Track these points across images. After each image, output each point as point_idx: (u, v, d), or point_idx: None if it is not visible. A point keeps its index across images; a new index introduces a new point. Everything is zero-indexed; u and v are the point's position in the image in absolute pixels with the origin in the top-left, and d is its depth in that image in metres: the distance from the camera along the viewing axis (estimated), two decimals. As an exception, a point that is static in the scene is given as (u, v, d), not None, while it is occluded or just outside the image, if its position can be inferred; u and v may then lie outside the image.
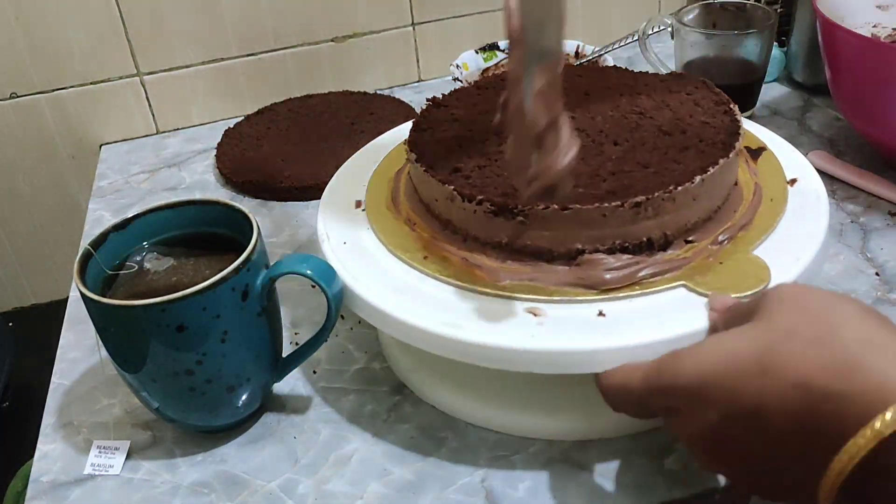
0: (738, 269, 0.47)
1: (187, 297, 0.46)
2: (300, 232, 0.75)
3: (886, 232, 0.66)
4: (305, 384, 0.58)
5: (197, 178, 0.85)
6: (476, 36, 0.97)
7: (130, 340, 0.48)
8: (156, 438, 0.55)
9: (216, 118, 0.96)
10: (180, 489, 0.51)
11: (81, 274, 0.49)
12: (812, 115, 0.84)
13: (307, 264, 0.50)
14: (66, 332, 0.65)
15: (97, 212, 0.81)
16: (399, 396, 0.56)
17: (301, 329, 0.63)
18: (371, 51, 0.96)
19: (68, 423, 0.57)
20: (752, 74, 0.80)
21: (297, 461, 0.52)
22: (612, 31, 1.01)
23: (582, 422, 0.51)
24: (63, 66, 0.87)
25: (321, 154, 0.82)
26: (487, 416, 0.53)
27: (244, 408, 0.53)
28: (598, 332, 0.45)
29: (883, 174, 0.71)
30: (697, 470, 0.48)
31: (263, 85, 0.95)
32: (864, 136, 0.74)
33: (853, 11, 0.76)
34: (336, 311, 0.50)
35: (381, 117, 0.89)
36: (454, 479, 0.50)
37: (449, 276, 0.49)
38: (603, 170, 0.49)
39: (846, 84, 0.71)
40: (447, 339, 0.46)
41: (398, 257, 0.51)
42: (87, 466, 0.53)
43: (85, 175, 0.92)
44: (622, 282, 0.47)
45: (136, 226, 0.53)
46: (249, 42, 0.92)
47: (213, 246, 0.53)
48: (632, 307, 0.46)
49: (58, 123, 0.90)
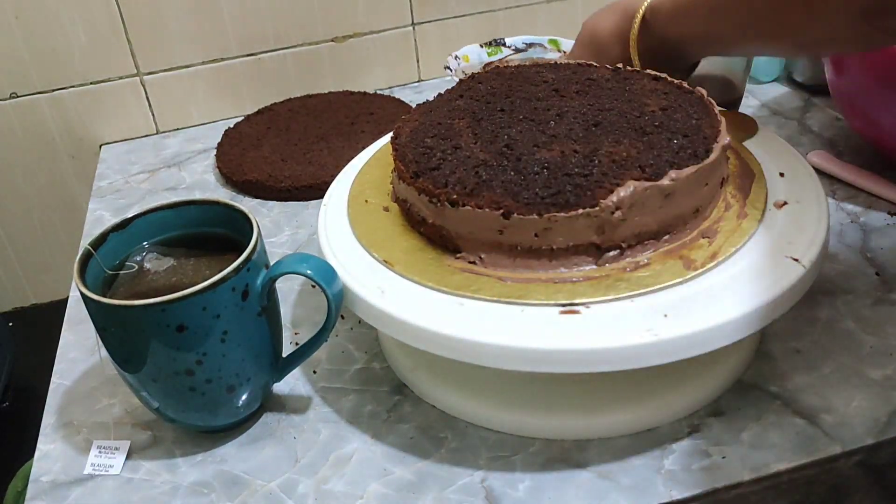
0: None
1: (187, 297, 0.46)
2: (300, 232, 0.75)
3: (886, 232, 0.66)
4: (305, 384, 0.58)
5: (197, 178, 0.85)
6: (476, 36, 0.97)
7: (130, 340, 0.48)
8: (156, 438, 0.55)
9: (216, 118, 0.96)
10: (180, 489, 0.51)
11: (81, 274, 0.49)
12: (812, 115, 0.84)
13: (307, 264, 0.50)
14: (66, 332, 0.65)
15: (97, 212, 0.81)
16: (399, 396, 0.56)
17: (301, 329, 0.63)
18: (371, 51, 0.96)
19: (68, 423, 0.57)
20: (733, 93, 0.79)
21: (296, 461, 0.52)
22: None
23: (581, 421, 0.51)
24: (63, 66, 0.87)
25: (321, 154, 0.82)
26: (487, 416, 0.53)
27: (244, 408, 0.53)
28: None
29: (883, 174, 0.71)
30: (697, 470, 0.48)
31: (263, 85, 0.95)
32: (864, 136, 0.74)
33: (853, 11, 0.76)
34: (336, 311, 0.50)
35: (381, 117, 0.89)
36: (454, 479, 0.50)
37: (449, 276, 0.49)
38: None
39: (846, 84, 0.71)
40: (447, 339, 0.46)
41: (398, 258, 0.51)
42: (87, 466, 0.53)
43: (85, 175, 0.92)
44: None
45: (136, 226, 0.53)
46: (249, 42, 0.92)
47: (213, 246, 0.53)
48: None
49: (58, 123, 0.90)
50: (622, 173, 0.48)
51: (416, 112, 0.59)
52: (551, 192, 0.48)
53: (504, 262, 0.49)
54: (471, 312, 0.47)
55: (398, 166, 0.54)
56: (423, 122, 0.57)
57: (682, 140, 0.51)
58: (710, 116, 0.54)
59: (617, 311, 0.46)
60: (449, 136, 0.54)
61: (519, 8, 0.98)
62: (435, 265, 0.50)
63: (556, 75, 0.61)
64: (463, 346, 0.46)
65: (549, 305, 0.46)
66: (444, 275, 0.49)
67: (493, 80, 0.62)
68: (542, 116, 0.55)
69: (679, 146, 0.50)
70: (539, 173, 0.49)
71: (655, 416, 0.52)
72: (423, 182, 0.51)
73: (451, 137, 0.54)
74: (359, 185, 0.60)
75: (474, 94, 0.60)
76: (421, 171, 0.52)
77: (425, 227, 0.52)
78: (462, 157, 0.52)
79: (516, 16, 0.98)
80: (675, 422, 0.52)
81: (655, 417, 0.52)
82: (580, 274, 0.48)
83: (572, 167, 0.49)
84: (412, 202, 0.52)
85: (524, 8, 0.98)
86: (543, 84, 0.60)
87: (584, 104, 0.56)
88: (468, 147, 0.53)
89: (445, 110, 0.58)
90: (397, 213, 0.55)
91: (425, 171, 0.51)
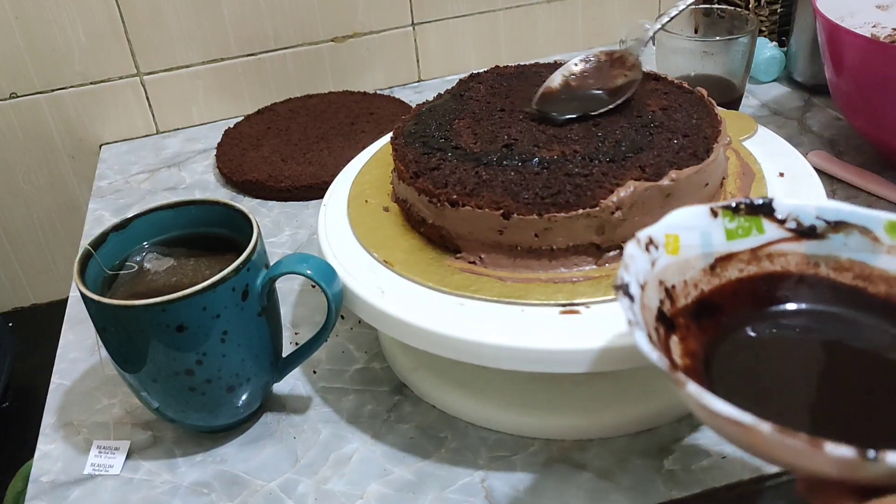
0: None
1: (187, 297, 0.46)
2: (300, 232, 0.75)
3: (886, 232, 0.66)
4: (305, 384, 0.58)
5: (197, 178, 0.85)
6: (476, 36, 0.97)
7: (130, 340, 0.48)
8: (156, 438, 0.55)
9: (216, 118, 0.96)
10: (180, 489, 0.51)
11: (81, 274, 0.49)
12: (812, 115, 0.84)
13: (307, 264, 0.50)
14: (66, 332, 0.65)
15: (97, 212, 0.81)
16: (399, 396, 0.56)
17: (301, 329, 0.62)
18: (371, 51, 0.96)
19: (68, 423, 0.57)
20: (733, 93, 0.79)
21: (296, 461, 0.52)
22: (612, 31, 1.01)
23: (581, 421, 0.51)
24: (63, 66, 0.87)
25: (321, 154, 0.82)
26: (487, 416, 0.53)
27: (244, 408, 0.53)
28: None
29: (883, 174, 0.71)
30: (697, 470, 0.48)
31: (263, 85, 0.95)
32: (864, 136, 0.74)
33: (853, 11, 0.76)
34: (336, 311, 0.50)
35: (381, 117, 0.89)
36: (454, 479, 0.50)
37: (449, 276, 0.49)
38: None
39: (846, 84, 0.71)
40: (448, 340, 0.46)
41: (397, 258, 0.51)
42: (87, 466, 0.53)
43: (85, 175, 0.92)
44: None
45: (136, 226, 0.53)
46: (249, 42, 0.92)
47: (213, 246, 0.53)
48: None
49: (58, 123, 0.90)
50: (622, 173, 0.48)
51: (416, 112, 0.59)
52: (551, 192, 0.48)
53: (504, 262, 0.49)
54: (471, 312, 0.47)
55: (398, 166, 0.54)
56: (422, 122, 0.57)
57: (683, 140, 0.51)
58: (711, 116, 0.54)
59: (617, 311, 0.46)
60: (449, 136, 0.54)
61: (519, 8, 0.98)
62: (435, 265, 0.50)
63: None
64: (463, 346, 0.46)
65: (549, 305, 0.46)
66: (444, 275, 0.49)
67: (493, 80, 0.62)
68: (540, 116, 0.55)
69: (679, 146, 0.50)
70: (539, 173, 0.49)
71: (655, 416, 0.52)
72: (423, 182, 0.51)
73: (450, 138, 0.54)
74: (359, 185, 0.60)
75: (474, 94, 0.60)
76: (421, 171, 0.52)
77: (425, 228, 0.52)
78: (462, 157, 0.52)
79: (516, 16, 0.98)
80: (675, 422, 0.52)
81: (655, 417, 0.52)
82: (580, 274, 0.48)
83: (572, 167, 0.49)
84: (412, 202, 0.52)
85: (524, 8, 0.98)
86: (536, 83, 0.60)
87: None
88: (468, 147, 0.53)
89: (445, 110, 0.58)
90: (397, 213, 0.55)
91: (425, 172, 0.51)
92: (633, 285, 0.34)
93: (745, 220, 0.38)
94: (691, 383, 0.29)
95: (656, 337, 0.33)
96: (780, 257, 0.38)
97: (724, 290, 0.38)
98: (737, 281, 0.39)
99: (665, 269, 0.36)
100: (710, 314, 0.38)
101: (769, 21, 0.91)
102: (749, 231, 0.39)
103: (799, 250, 0.38)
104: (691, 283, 0.38)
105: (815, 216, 0.38)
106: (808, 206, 0.39)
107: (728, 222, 0.38)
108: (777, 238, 0.39)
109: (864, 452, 0.26)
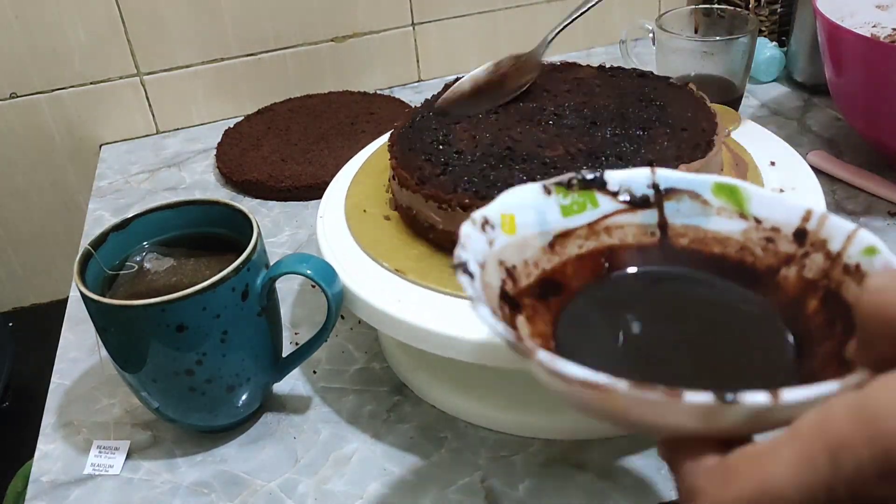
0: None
1: (187, 297, 0.46)
2: (300, 232, 0.75)
3: (886, 232, 0.66)
4: (305, 384, 0.58)
5: (197, 178, 0.85)
6: (476, 36, 0.97)
7: (130, 340, 0.48)
8: (156, 438, 0.55)
9: (216, 118, 0.96)
10: (180, 489, 0.51)
11: (81, 274, 0.49)
12: (812, 115, 0.84)
13: (307, 264, 0.50)
14: (66, 332, 0.65)
15: (97, 212, 0.81)
16: (399, 396, 0.56)
17: (301, 329, 0.62)
18: (371, 51, 0.96)
19: (68, 423, 0.57)
20: (732, 93, 0.79)
21: (297, 461, 0.52)
22: (612, 31, 1.01)
23: (582, 421, 0.51)
24: (63, 66, 0.87)
25: (321, 154, 0.82)
26: (487, 416, 0.53)
27: (244, 408, 0.53)
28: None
29: (883, 174, 0.71)
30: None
31: (263, 85, 0.95)
32: (864, 136, 0.74)
33: (853, 11, 0.76)
34: (336, 311, 0.50)
35: (381, 117, 0.89)
36: (454, 479, 0.50)
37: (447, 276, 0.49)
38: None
39: (846, 84, 0.71)
40: (448, 339, 0.46)
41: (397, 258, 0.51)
42: (87, 466, 0.53)
43: (85, 175, 0.92)
44: None
45: (136, 226, 0.53)
46: (249, 42, 0.92)
47: (213, 246, 0.53)
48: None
49: (58, 123, 0.90)
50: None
51: (410, 118, 0.59)
52: None
53: None
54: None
55: (400, 174, 0.53)
56: (418, 129, 0.57)
57: (682, 133, 0.51)
58: (704, 109, 0.54)
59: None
60: (448, 140, 0.54)
61: (519, 8, 0.98)
62: (449, 271, 0.50)
63: (542, 76, 0.61)
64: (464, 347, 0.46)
65: None
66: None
67: None
68: (538, 117, 0.55)
69: (681, 139, 0.51)
70: (547, 173, 0.49)
71: (655, 416, 0.51)
72: (431, 188, 0.50)
73: (450, 143, 0.54)
74: (353, 195, 0.58)
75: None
76: (426, 177, 0.51)
77: (434, 234, 0.51)
78: (466, 160, 0.52)
79: (516, 16, 0.98)
80: (675, 422, 0.52)
81: (655, 417, 0.51)
82: None
83: (580, 165, 0.49)
84: (418, 209, 0.52)
85: (524, 8, 0.98)
86: (532, 85, 0.59)
87: (577, 103, 0.56)
88: (470, 150, 0.53)
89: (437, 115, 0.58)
90: (398, 220, 0.55)
91: (430, 178, 0.51)
92: (471, 263, 0.32)
93: (578, 195, 0.38)
94: (541, 351, 0.28)
95: (501, 316, 0.33)
96: (618, 230, 0.38)
97: (566, 267, 0.38)
98: (577, 258, 0.38)
99: (504, 249, 0.36)
100: (555, 293, 0.37)
101: (769, 21, 0.91)
102: (584, 206, 0.38)
103: (635, 221, 0.38)
104: (532, 263, 0.37)
105: (646, 185, 0.38)
106: (639, 176, 0.38)
107: (562, 199, 0.38)
108: (612, 211, 0.38)
109: (721, 395, 0.25)
